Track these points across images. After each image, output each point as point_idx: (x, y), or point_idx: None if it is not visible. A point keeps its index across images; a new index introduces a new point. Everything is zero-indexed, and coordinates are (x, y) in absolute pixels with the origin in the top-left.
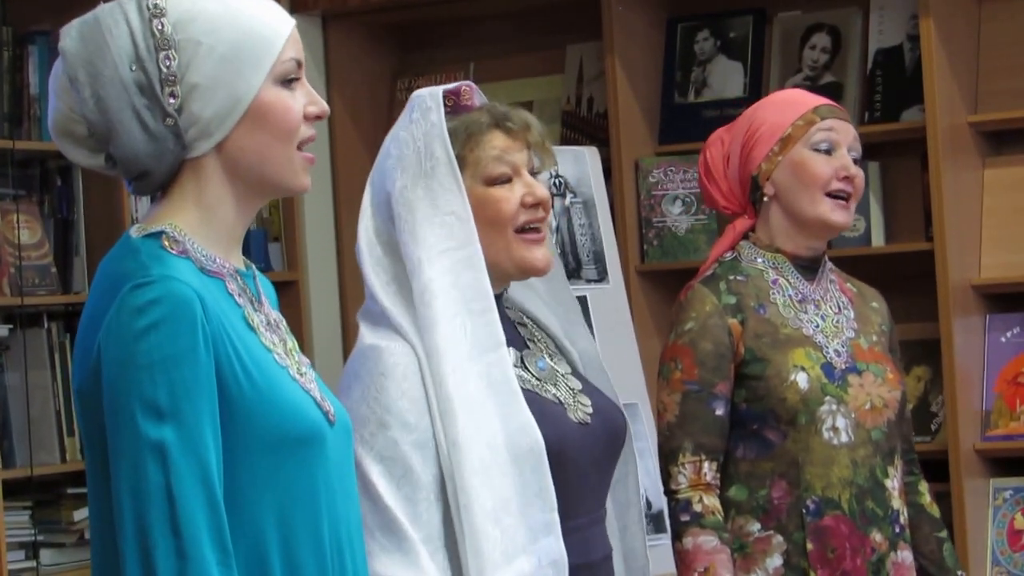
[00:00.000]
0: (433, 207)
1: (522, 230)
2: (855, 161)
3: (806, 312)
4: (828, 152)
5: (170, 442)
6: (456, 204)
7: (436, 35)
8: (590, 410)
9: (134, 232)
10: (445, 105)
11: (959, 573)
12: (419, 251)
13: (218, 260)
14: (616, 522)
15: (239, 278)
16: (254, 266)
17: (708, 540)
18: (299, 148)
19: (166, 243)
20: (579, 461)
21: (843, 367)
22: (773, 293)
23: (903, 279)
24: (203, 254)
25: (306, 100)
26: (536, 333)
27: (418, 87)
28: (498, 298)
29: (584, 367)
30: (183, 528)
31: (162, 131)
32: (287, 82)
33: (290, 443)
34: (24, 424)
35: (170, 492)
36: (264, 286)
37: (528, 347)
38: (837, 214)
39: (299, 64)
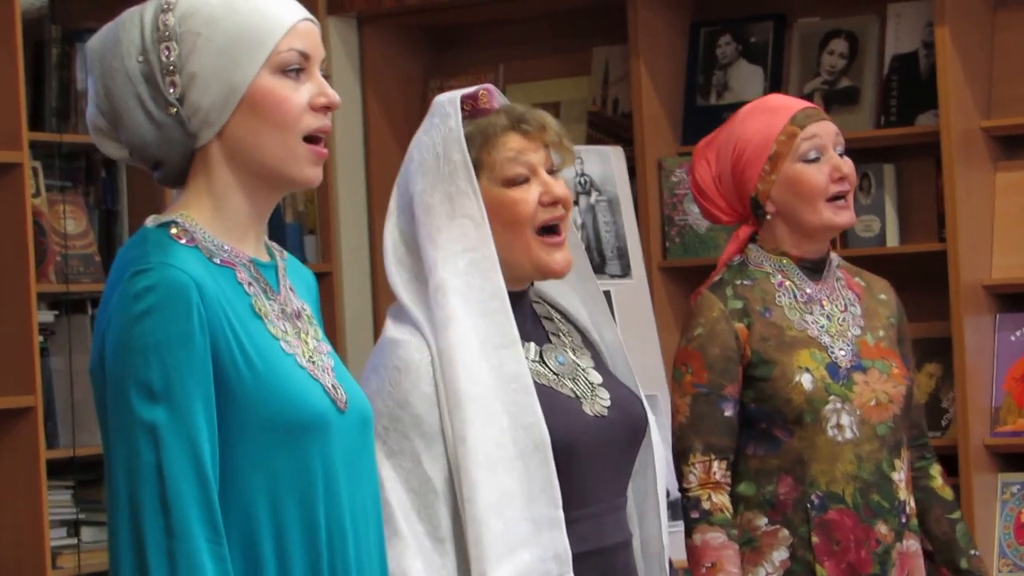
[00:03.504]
0: (450, 210)
1: (542, 231)
2: (841, 155)
3: (811, 313)
4: (817, 159)
5: (162, 423)
6: (471, 208)
7: (467, 37)
8: (608, 403)
9: (150, 222)
10: (463, 109)
11: (971, 552)
12: (435, 252)
13: (230, 249)
14: (635, 509)
15: (253, 267)
16: (280, 257)
17: (716, 537)
18: (313, 141)
19: (174, 232)
20: (593, 453)
21: (848, 366)
22: (779, 296)
23: (916, 279)
24: (213, 243)
25: (314, 91)
26: (562, 327)
27: (449, 87)
28: (523, 294)
29: (610, 360)
30: (172, 506)
31: (166, 119)
32: (289, 72)
33: (287, 428)
34: (68, 406)
35: (161, 471)
36: (296, 276)
37: (550, 341)
38: (841, 216)
39: (305, 56)
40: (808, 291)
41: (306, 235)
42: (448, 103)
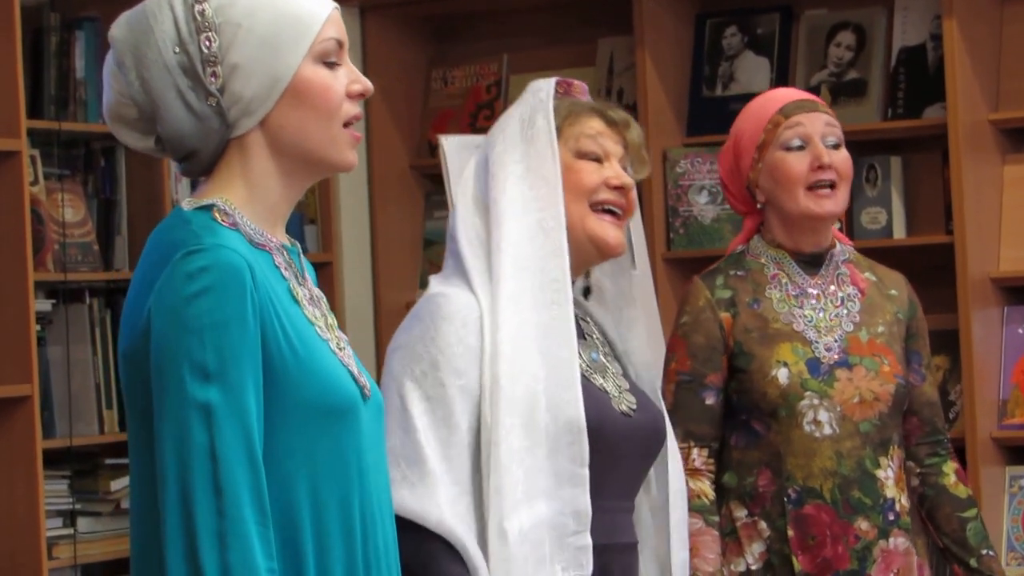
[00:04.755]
0: (526, 170)
1: (600, 209)
2: (835, 146)
3: (801, 307)
4: (802, 148)
5: (216, 403)
6: (548, 170)
7: (471, 27)
8: (634, 406)
9: (186, 205)
10: (557, 91)
11: (983, 552)
12: (504, 204)
13: (265, 234)
14: (652, 522)
15: (285, 253)
16: (299, 244)
17: (693, 523)
18: (346, 126)
19: (217, 215)
20: (616, 446)
21: (831, 362)
22: (770, 288)
23: (923, 271)
24: (251, 227)
25: (349, 79)
26: (597, 335)
27: (453, 77)
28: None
29: (636, 378)
30: (225, 487)
31: (205, 110)
32: (328, 62)
33: (326, 413)
34: (65, 396)
35: (214, 452)
36: (306, 265)
37: (585, 339)
38: (821, 204)
39: (340, 44)
40: (802, 284)
41: (306, 225)
42: (543, 81)
